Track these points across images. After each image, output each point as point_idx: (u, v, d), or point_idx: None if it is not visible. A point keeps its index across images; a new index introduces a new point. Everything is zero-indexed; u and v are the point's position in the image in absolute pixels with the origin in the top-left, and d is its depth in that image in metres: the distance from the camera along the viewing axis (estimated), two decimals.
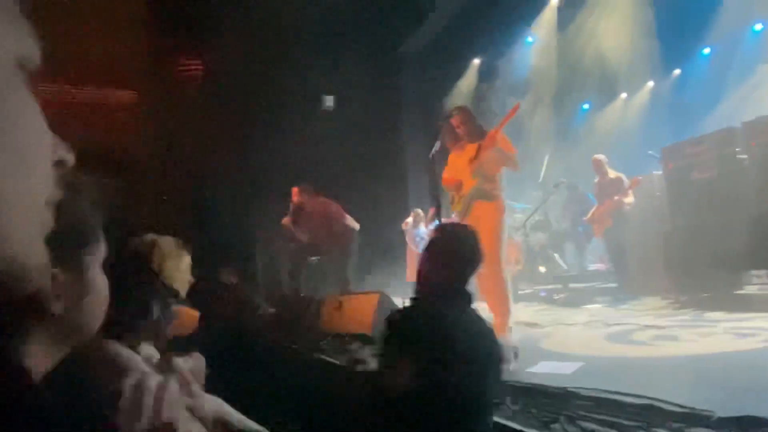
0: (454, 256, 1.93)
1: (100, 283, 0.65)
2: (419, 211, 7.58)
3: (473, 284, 2.10)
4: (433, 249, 1.98)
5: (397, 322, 1.81)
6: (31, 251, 0.46)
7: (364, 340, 3.57)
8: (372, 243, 6.34)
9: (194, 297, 1.73)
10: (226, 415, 1.46)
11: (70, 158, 0.51)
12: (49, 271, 0.51)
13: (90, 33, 6.23)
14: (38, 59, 0.46)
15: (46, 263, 0.49)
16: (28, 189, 0.44)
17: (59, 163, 0.50)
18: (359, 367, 2.52)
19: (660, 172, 5.89)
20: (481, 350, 1.67)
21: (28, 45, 0.45)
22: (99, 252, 0.64)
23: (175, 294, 1.53)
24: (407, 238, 7.58)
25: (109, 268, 0.67)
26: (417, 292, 1.90)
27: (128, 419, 0.77)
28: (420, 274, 1.93)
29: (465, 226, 2.27)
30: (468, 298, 1.86)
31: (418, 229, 7.46)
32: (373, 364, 1.98)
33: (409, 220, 7.55)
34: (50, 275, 0.52)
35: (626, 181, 5.94)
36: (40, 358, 0.56)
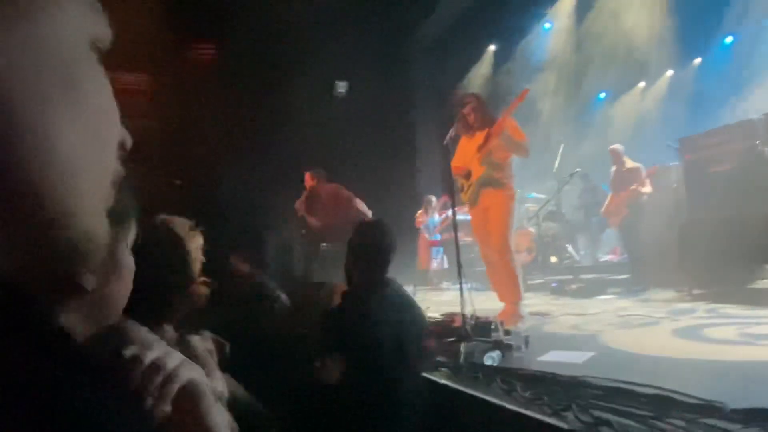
0: (368, 250, 2.30)
1: (129, 262, 0.66)
2: (432, 198, 7.57)
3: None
4: (351, 246, 2.38)
5: (333, 312, 2.31)
6: (99, 228, 0.48)
7: None
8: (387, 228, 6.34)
9: (208, 278, 1.75)
10: (237, 396, 1.49)
11: (130, 140, 0.53)
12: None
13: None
14: (109, 40, 0.48)
15: (110, 241, 0.51)
16: (100, 166, 0.46)
17: (122, 145, 0.51)
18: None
19: (677, 164, 5.81)
20: (401, 321, 2.14)
21: (100, 26, 0.46)
22: (131, 231, 0.66)
23: (191, 274, 1.55)
24: (421, 227, 7.59)
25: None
26: (347, 283, 2.34)
27: (146, 397, 0.79)
28: (345, 268, 2.36)
29: (378, 223, 2.59)
30: (386, 283, 2.26)
31: (432, 218, 7.46)
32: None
33: (422, 210, 7.55)
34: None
35: (644, 171, 5.88)
36: (75, 332, 0.58)
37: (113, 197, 0.50)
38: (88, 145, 0.43)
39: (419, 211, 7.71)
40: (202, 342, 1.48)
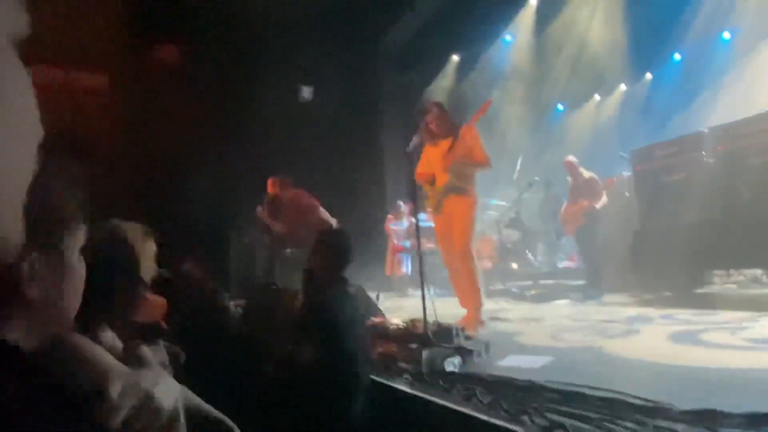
0: (331, 255, 2.65)
1: (78, 268, 0.63)
2: (401, 203, 7.60)
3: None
4: (315, 249, 2.73)
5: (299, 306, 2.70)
6: (15, 232, 0.45)
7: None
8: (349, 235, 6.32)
9: (159, 286, 1.70)
10: (191, 405, 1.44)
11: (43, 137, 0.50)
12: (26, 254, 0.49)
13: (62, 14, 6.00)
14: (26, 33, 0.45)
15: (23, 244, 0.48)
16: (17, 168, 0.43)
17: (41, 145, 0.48)
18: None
19: (629, 173, 6.05)
20: (354, 318, 2.50)
21: (18, 19, 0.43)
22: (79, 236, 0.62)
23: (141, 281, 1.50)
24: (390, 233, 7.60)
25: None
26: (304, 282, 2.67)
27: (97, 413, 0.76)
28: (307, 268, 2.70)
29: (342, 230, 3.22)
30: (344, 282, 2.63)
31: (401, 222, 7.48)
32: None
33: (391, 216, 7.56)
34: (27, 259, 0.50)
35: (600, 182, 6.08)
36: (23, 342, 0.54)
37: (33, 203, 0.48)
38: (9, 148, 0.41)
39: (389, 216, 7.72)
40: (155, 352, 1.43)
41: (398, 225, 7.54)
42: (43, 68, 6.72)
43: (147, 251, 1.51)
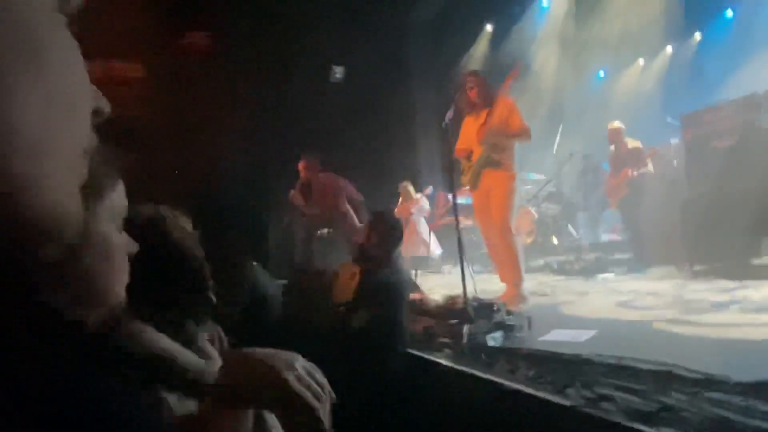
0: (385, 236, 2.97)
1: (110, 234, 0.61)
2: (406, 184, 7.36)
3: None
4: (372, 229, 3.03)
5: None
6: (70, 203, 0.45)
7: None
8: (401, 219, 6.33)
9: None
10: None
11: (107, 107, 0.49)
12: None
13: (96, 5, 6.15)
14: (79, 3, 0.44)
15: (83, 217, 0.48)
16: (71, 136, 0.43)
17: (97, 112, 0.48)
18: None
19: (677, 141, 5.77)
20: (404, 294, 2.86)
21: None
22: (111, 205, 0.62)
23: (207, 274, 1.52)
24: (414, 214, 7.48)
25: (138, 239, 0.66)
26: (358, 258, 3.06)
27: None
28: (362, 246, 3.06)
29: (391, 215, 3.56)
30: (396, 261, 3.10)
31: (421, 204, 7.33)
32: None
33: (416, 201, 7.33)
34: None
35: (645, 151, 5.83)
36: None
37: (86, 169, 0.47)
38: (54, 115, 0.41)
39: (404, 202, 7.43)
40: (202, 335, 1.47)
41: (418, 206, 7.35)
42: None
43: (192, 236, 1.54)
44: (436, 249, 7.19)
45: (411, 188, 7.18)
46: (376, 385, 2.26)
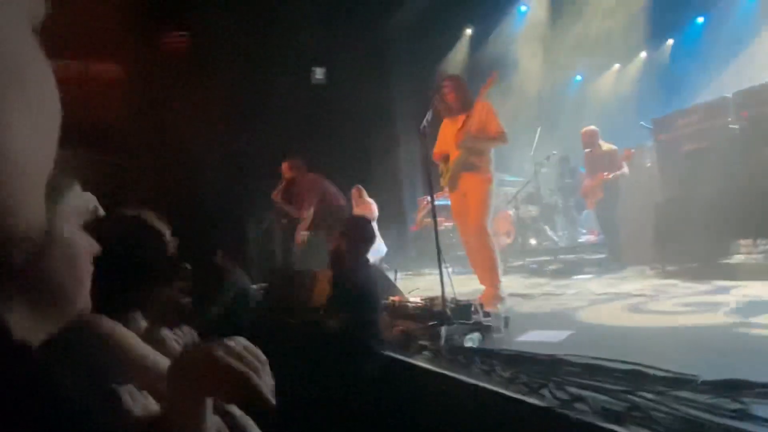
0: (355, 240, 3.00)
1: (74, 237, 0.60)
2: (360, 189, 7.11)
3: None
4: (342, 233, 3.08)
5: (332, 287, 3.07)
6: (40, 217, 0.45)
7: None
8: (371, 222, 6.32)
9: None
10: None
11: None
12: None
13: (74, 5, 6.03)
14: (44, 16, 0.44)
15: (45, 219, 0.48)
16: (46, 156, 0.43)
17: (62, 128, 0.49)
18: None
19: (651, 143, 5.90)
20: (375, 296, 2.93)
21: (39, 4, 0.43)
22: (75, 205, 0.61)
23: (172, 267, 1.51)
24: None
25: (104, 240, 0.65)
26: (332, 264, 3.08)
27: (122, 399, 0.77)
28: (335, 251, 3.07)
29: (362, 217, 3.53)
30: (367, 263, 3.07)
31: (372, 208, 7.02)
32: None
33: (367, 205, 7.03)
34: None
35: (620, 153, 5.95)
36: (26, 329, 0.54)
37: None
38: (35, 136, 0.41)
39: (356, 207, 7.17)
40: (176, 335, 1.45)
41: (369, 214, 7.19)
42: (57, 61, 6.79)
43: (170, 238, 1.53)
44: (381, 248, 6.92)
45: (364, 192, 7.00)
46: (353, 388, 2.26)
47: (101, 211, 1.62)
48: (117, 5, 6.29)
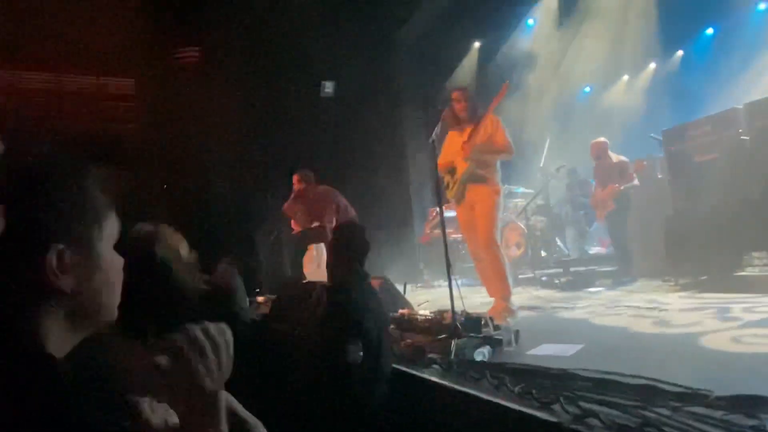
0: (346, 249, 2.69)
1: (113, 261, 0.64)
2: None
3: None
4: (331, 244, 2.86)
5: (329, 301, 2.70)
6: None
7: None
8: (372, 229, 6.34)
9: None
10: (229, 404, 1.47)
11: None
12: (55, 247, 0.51)
13: (87, 21, 6.17)
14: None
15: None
16: None
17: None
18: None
19: (662, 155, 5.87)
20: (369, 310, 2.50)
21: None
22: (111, 231, 0.64)
23: (192, 282, 1.52)
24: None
25: (123, 255, 0.67)
26: (329, 279, 2.76)
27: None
28: (327, 265, 2.80)
29: (352, 224, 3.20)
30: (362, 275, 2.66)
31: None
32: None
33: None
34: (54, 250, 0.52)
35: (630, 165, 5.92)
36: (58, 341, 0.56)
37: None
38: None
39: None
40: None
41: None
42: (73, 74, 6.95)
43: (186, 253, 1.54)
44: None
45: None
46: (357, 404, 2.23)
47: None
48: (131, 20, 6.43)
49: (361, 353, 2.31)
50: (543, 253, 7.55)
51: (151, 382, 0.71)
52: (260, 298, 5.35)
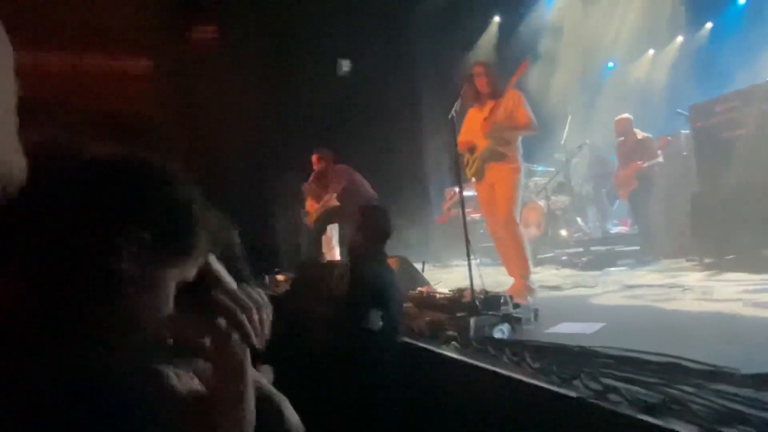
0: (371, 230, 2.93)
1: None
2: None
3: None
4: (357, 226, 3.03)
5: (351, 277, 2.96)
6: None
7: None
8: (390, 208, 6.32)
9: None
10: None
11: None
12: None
13: (104, 2, 6.19)
14: None
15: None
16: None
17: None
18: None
19: (688, 132, 5.70)
20: (389, 286, 2.81)
21: None
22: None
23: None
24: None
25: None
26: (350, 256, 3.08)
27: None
28: (350, 246, 3.12)
29: (378, 207, 3.35)
30: (384, 256, 2.99)
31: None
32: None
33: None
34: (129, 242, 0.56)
35: (655, 142, 5.77)
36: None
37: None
38: None
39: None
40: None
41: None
42: (89, 55, 7.01)
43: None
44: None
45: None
46: (377, 378, 2.27)
47: None
48: (146, 1, 6.43)
49: (381, 322, 2.51)
50: (563, 233, 7.45)
51: (186, 349, 0.72)
52: (280, 277, 5.41)
